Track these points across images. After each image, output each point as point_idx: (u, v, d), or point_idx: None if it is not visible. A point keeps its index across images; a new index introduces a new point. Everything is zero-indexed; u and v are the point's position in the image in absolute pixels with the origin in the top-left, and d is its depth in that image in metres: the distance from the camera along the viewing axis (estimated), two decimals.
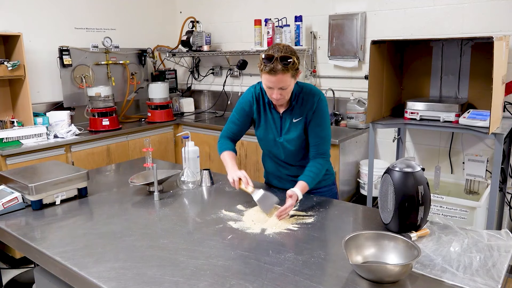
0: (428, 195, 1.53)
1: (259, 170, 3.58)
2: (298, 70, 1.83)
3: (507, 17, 2.85)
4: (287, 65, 1.75)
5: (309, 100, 1.93)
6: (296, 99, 1.95)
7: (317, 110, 1.93)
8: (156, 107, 4.12)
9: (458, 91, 3.09)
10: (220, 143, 2.13)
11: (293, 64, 1.77)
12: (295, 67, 1.79)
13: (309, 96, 1.94)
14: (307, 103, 1.93)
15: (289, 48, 1.82)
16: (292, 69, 1.77)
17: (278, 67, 1.74)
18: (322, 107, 1.95)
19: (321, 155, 1.97)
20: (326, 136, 1.98)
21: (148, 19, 4.58)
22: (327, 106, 1.98)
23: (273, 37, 3.72)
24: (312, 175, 1.91)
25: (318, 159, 1.96)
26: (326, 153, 1.98)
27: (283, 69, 1.75)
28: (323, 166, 1.96)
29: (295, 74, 1.82)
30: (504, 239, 1.47)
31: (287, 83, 1.80)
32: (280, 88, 1.81)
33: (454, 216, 2.65)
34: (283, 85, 1.80)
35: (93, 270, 1.39)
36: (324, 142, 1.97)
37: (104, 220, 1.81)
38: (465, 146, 3.14)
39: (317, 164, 1.94)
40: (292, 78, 1.81)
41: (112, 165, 2.90)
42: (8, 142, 3.15)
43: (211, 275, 1.34)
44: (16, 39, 3.30)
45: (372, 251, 1.41)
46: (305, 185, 1.88)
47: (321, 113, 1.94)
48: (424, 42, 3.13)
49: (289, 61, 1.75)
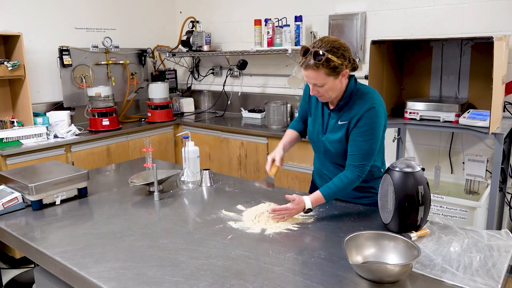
0: (428, 195, 1.53)
1: (259, 170, 3.58)
2: (341, 69, 1.68)
3: (507, 17, 2.85)
4: (319, 61, 1.63)
5: (358, 105, 1.76)
6: (346, 99, 1.79)
7: (364, 118, 1.73)
8: (156, 107, 4.12)
9: (458, 91, 3.09)
10: (291, 122, 2.13)
11: (328, 61, 1.63)
12: (332, 65, 1.64)
13: (360, 101, 1.76)
14: (355, 108, 1.77)
15: (334, 43, 1.67)
16: (326, 67, 1.64)
17: (310, 62, 1.65)
18: (372, 116, 1.73)
19: (354, 168, 1.77)
20: (369, 149, 1.76)
21: (148, 19, 4.58)
22: (380, 118, 1.75)
23: (273, 37, 3.72)
24: (333, 188, 1.76)
25: (347, 172, 1.77)
26: (361, 167, 1.76)
27: (315, 65, 1.64)
28: (350, 182, 1.76)
29: (333, 73, 1.67)
30: (504, 239, 1.47)
31: (320, 80, 1.68)
32: (315, 84, 1.70)
33: (454, 216, 2.65)
34: (316, 82, 1.69)
35: (93, 270, 1.39)
36: (363, 155, 1.75)
37: (104, 220, 1.81)
38: (465, 146, 3.14)
39: (344, 178, 1.76)
40: (328, 77, 1.67)
41: (112, 165, 2.90)
42: (8, 142, 3.15)
43: (211, 275, 1.34)
44: (16, 39, 3.30)
45: (372, 251, 1.41)
46: (320, 197, 1.75)
47: (368, 122, 1.73)
48: (424, 42, 3.13)
49: (322, 56, 1.62)
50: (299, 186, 3.35)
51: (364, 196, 1.93)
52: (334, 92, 1.75)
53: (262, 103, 4.15)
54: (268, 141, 3.48)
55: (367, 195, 1.93)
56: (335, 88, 1.73)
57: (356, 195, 1.93)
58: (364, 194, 1.93)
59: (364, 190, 1.92)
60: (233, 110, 4.45)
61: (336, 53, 1.65)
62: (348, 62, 1.70)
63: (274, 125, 3.63)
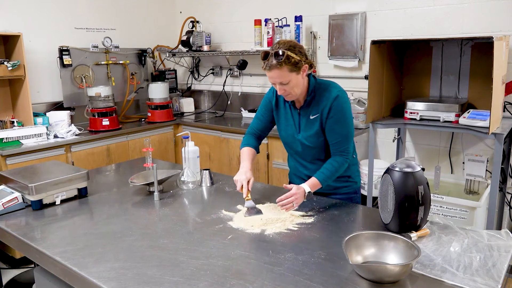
0: (428, 195, 1.53)
1: (259, 170, 3.58)
2: (300, 64, 1.79)
3: (507, 17, 2.85)
4: (281, 59, 1.73)
5: (325, 96, 1.89)
6: (311, 95, 1.91)
7: (335, 106, 1.86)
8: (156, 107, 4.12)
9: (458, 91, 3.09)
10: (243, 139, 2.14)
11: (288, 58, 1.74)
12: (292, 61, 1.75)
13: (325, 92, 1.89)
14: (323, 100, 1.89)
15: (290, 43, 1.79)
16: (287, 64, 1.74)
17: (272, 62, 1.75)
18: (341, 103, 1.87)
19: (340, 153, 1.91)
20: (347, 133, 1.91)
21: (148, 19, 4.58)
22: (347, 103, 1.90)
23: (273, 37, 3.72)
24: (326, 172, 1.87)
25: (336, 157, 1.91)
26: (346, 151, 1.91)
27: (278, 63, 1.74)
28: (340, 164, 1.90)
29: (295, 69, 1.77)
30: (504, 239, 1.47)
31: (285, 78, 1.77)
32: (281, 83, 1.79)
33: (454, 216, 2.65)
34: (281, 80, 1.78)
35: (93, 270, 1.39)
36: (344, 140, 1.90)
37: (104, 220, 1.81)
38: (465, 146, 3.14)
39: (334, 161, 1.90)
40: (292, 73, 1.77)
41: (112, 165, 2.90)
42: (8, 142, 3.15)
43: (211, 275, 1.34)
44: (16, 39, 3.30)
45: (372, 251, 1.41)
46: (316, 182, 1.85)
47: (339, 109, 1.87)
48: (424, 42, 3.13)
49: (282, 55, 1.72)
50: None
51: (342, 185, 2.04)
52: (298, 89, 1.85)
53: None
54: (268, 141, 3.48)
55: (345, 184, 2.04)
56: (299, 84, 1.83)
57: (335, 186, 2.02)
58: (342, 184, 2.04)
59: (342, 180, 2.02)
60: (233, 110, 4.45)
61: (294, 51, 1.77)
62: (305, 59, 1.82)
63: None
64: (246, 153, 2.06)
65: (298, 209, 1.84)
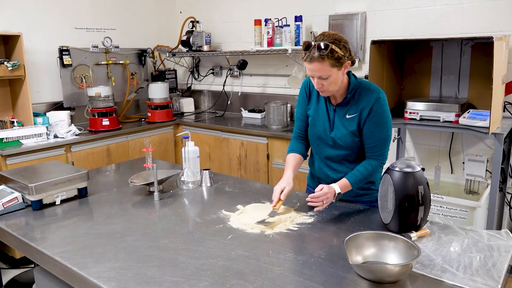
0: (428, 195, 1.53)
1: (259, 170, 3.58)
2: (344, 60, 1.71)
3: (507, 17, 2.85)
4: (324, 53, 1.65)
5: (366, 96, 1.81)
6: (352, 93, 1.83)
7: (376, 108, 1.80)
8: (156, 107, 4.12)
9: (458, 91, 3.09)
10: (289, 145, 2.06)
11: (332, 52, 1.66)
12: (336, 56, 1.67)
13: (367, 92, 1.82)
14: (364, 100, 1.81)
15: (335, 36, 1.71)
16: (330, 58, 1.66)
17: (314, 54, 1.67)
18: (382, 106, 1.81)
19: (377, 157, 1.84)
20: (385, 137, 1.84)
21: (148, 19, 4.58)
22: (387, 106, 1.84)
23: (273, 37, 3.72)
24: (358, 175, 1.80)
25: (371, 160, 1.84)
26: (382, 155, 1.85)
27: (320, 57, 1.66)
28: (375, 168, 1.83)
29: (337, 64, 1.70)
30: (504, 239, 1.47)
31: (326, 72, 1.70)
32: (320, 77, 1.72)
33: (454, 216, 2.65)
34: (321, 74, 1.70)
35: (93, 270, 1.39)
36: (382, 144, 1.83)
37: (104, 220, 1.81)
38: (465, 146, 3.14)
39: (368, 165, 1.82)
40: (333, 68, 1.69)
41: (112, 165, 2.90)
42: (8, 142, 3.15)
43: (211, 275, 1.34)
44: (16, 39, 3.30)
45: (372, 251, 1.41)
46: (347, 184, 1.79)
47: (380, 112, 1.80)
48: (424, 42, 3.13)
49: (325, 48, 1.65)
50: (299, 186, 3.34)
51: (364, 193, 1.95)
52: (336, 85, 1.77)
53: (262, 103, 4.15)
54: (268, 141, 3.48)
55: (367, 192, 1.96)
56: (338, 80, 1.76)
57: (357, 193, 1.94)
58: (365, 191, 1.95)
59: (365, 187, 1.94)
60: (233, 110, 4.45)
61: (339, 45, 1.69)
62: (349, 54, 1.75)
63: (274, 125, 3.63)
64: (288, 161, 1.97)
65: (299, 209, 1.85)
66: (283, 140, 3.35)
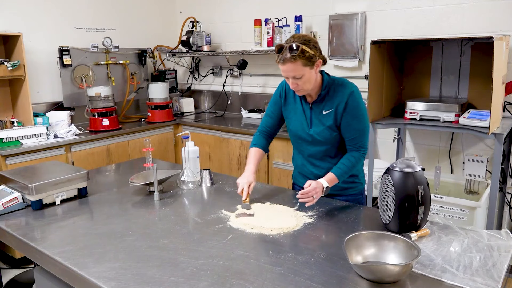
0: (428, 195, 1.53)
1: (259, 170, 3.58)
2: (315, 59, 1.78)
3: (507, 17, 2.85)
4: (295, 53, 1.72)
5: (341, 92, 1.89)
6: (326, 89, 1.91)
7: (350, 102, 1.87)
8: (156, 107, 4.12)
9: (458, 91, 3.09)
10: (253, 138, 2.13)
11: (303, 52, 1.73)
12: (307, 55, 1.74)
13: (341, 87, 1.90)
14: (338, 95, 1.89)
15: (305, 37, 1.79)
16: (302, 58, 1.74)
17: (287, 56, 1.74)
18: (356, 99, 1.88)
19: (358, 148, 1.92)
20: (364, 128, 1.92)
21: (148, 19, 4.58)
22: (362, 99, 1.92)
23: (273, 37, 3.72)
24: (343, 168, 1.87)
25: (353, 152, 1.92)
26: (362, 146, 1.92)
27: (292, 57, 1.73)
28: (357, 159, 1.91)
29: (309, 63, 1.77)
30: (504, 239, 1.47)
31: (299, 72, 1.77)
32: (294, 77, 1.79)
33: (454, 216, 2.65)
34: (295, 74, 1.77)
35: (93, 270, 1.39)
36: (361, 135, 1.91)
37: (104, 220, 1.81)
38: (465, 146, 3.14)
39: (351, 157, 1.90)
40: (305, 67, 1.76)
41: (112, 165, 2.90)
42: (8, 142, 3.15)
43: (211, 275, 1.34)
44: (16, 39, 3.30)
45: (372, 251, 1.41)
46: (333, 177, 1.85)
47: (355, 105, 1.88)
48: (424, 42, 3.13)
49: (297, 49, 1.72)
50: None
51: (349, 187, 2.03)
52: (310, 84, 1.84)
53: (262, 103, 4.15)
54: None
55: (351, 185, 2.03)
56: (311, 79, 1.83)
57: (342, 187, 1.99)
58: (349, 185, 2.02)
59: (349, 181, 2.00)
60: (233, 110, 4.45)
61: (309, 45, 1.77)
62: (319, 53, 1.82)
63: None
64: (251, 155, 2.06)
65: (299, 209, 1.85)
66: (283, 140, 3.35)
